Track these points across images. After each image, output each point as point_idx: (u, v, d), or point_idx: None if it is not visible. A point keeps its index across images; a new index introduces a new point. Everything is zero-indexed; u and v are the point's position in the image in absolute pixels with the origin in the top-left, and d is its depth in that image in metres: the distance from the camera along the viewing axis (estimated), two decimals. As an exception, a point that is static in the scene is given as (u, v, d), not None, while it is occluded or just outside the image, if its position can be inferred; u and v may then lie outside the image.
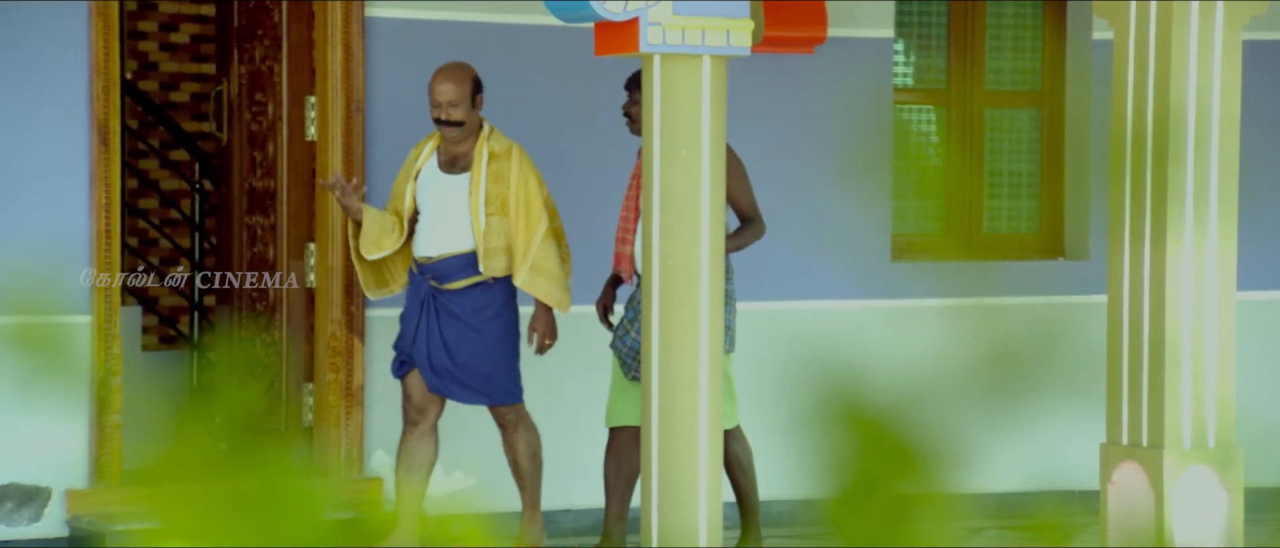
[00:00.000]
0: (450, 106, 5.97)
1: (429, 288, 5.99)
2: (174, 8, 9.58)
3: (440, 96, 5.98)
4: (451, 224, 5.99)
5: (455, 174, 6.03)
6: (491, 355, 6.00)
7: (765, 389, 7.22)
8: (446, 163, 6.05)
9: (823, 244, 7.33)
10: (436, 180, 6.05)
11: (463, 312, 5.98)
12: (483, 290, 5.99)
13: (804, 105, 7.30)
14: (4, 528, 6.27)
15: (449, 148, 6.05)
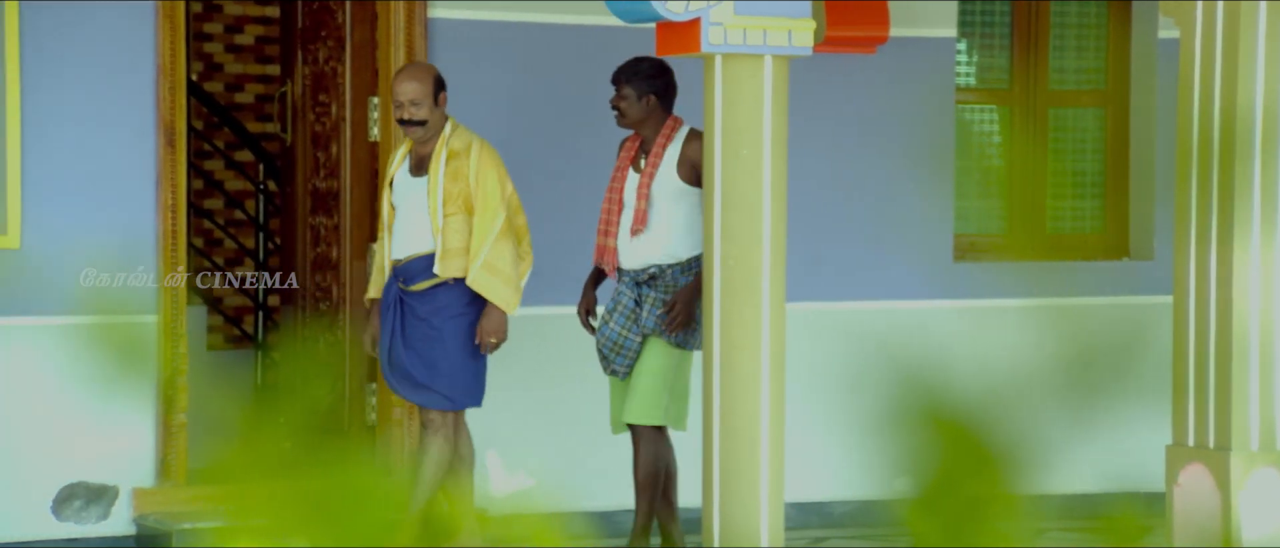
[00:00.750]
0: (412, 106, 5.85)
1: (397, 290, 5.95)
2: (239, 9, 9.65)
3: (402, 96, 5.88)
4: (416, 226, 5.92)
5: (420, 176, 5.97)
6: (451, 357, 5.88)
7: (826, 389, 7.20)
8: (415, 165, 5.98)
9: (885, 244, 7.30)
10: (406, 183, 5.99)
11: (425, 313, 5.90)
12: (445, 291, 5.90)
13: (866, 105, 7.27)
14: (73, 526, 6.33)
15: (417, 149, 5.98)
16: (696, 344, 5.89)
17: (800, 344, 6.60)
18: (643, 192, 5.90)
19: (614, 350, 5.94)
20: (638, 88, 5.95)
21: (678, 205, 5.91)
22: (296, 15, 7.34)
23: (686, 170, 5.91)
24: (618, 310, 5.95)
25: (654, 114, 5.96)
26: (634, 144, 6.01)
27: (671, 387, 5.87)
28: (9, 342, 6.19)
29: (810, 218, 7.08)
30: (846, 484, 7.29)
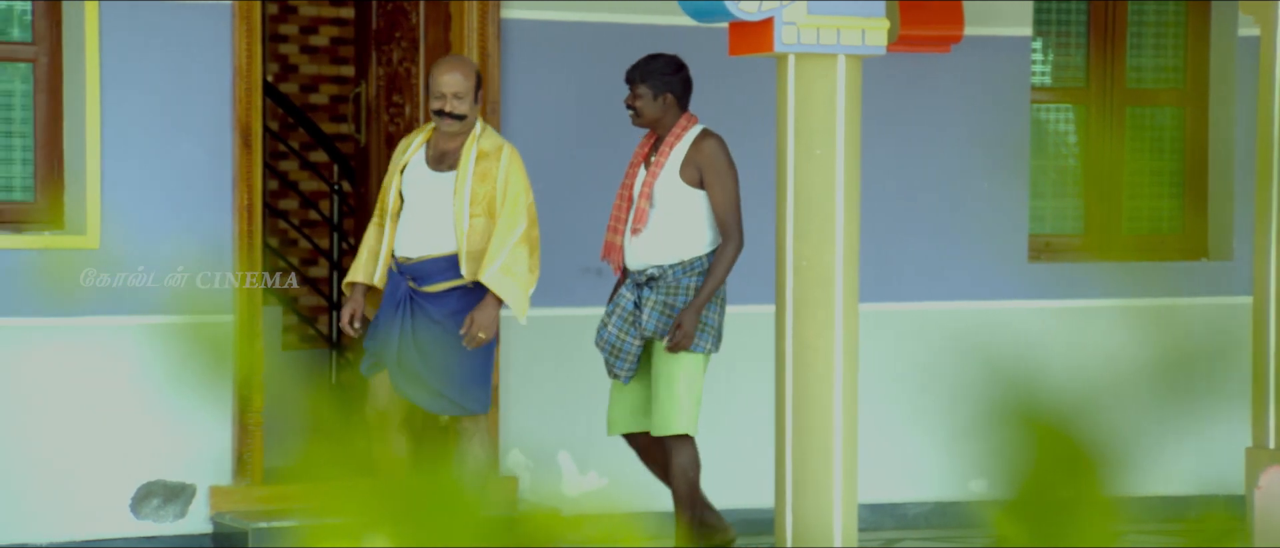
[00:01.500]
0: (455, 99, 5.73)
1: (407, 289, 5.75)
2: (314, 11, 9.72)
3: (445, 88, 5.74)
4: (435, 224, 5.76)
5: (442, 172, 5.80)
6: (465, 363, 5.73)
7: (900, 390, 7.18)
8: (435, 159, 5.82)
9: (959, 244, 7.28)
10: (423, 176, 5.81)
11: (440, 316, 5.72)
12: (462, 295, 5.74)
13: (940, 105, 7.25)
14: (151, 524, 6.40)
15: (440, 143, 5.81)
16: (706, 347, 5.79)
17: (873, 345, 6.59)
18: (645, 190, 5.80)
19: (613, 354, 5.83)
20: (654, 86, 5.85)
21: (680, 206, 5.79)
22: (371, 16, 7.39)
23: (690, 172, 5.79)
24: (616, 313, 5.83)
25: (670, 112, 5.87)
26: (648, 141, 5.93)
27: (687, 392, 5.77)
28: (88, 341, 6.27)
29: (883, 218, 7.06)
30: (920, 485, 7.27)
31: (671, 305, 5.78)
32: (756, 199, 6.77)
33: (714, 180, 5.78)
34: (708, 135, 5.84)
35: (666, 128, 5.86)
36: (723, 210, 5.79)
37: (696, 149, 5.81)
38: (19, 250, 6.23)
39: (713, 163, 5.78)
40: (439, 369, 5.73)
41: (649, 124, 5.88)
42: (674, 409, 5.76)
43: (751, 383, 6.81)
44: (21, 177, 6.42)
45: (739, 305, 7.00)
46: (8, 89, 6.41)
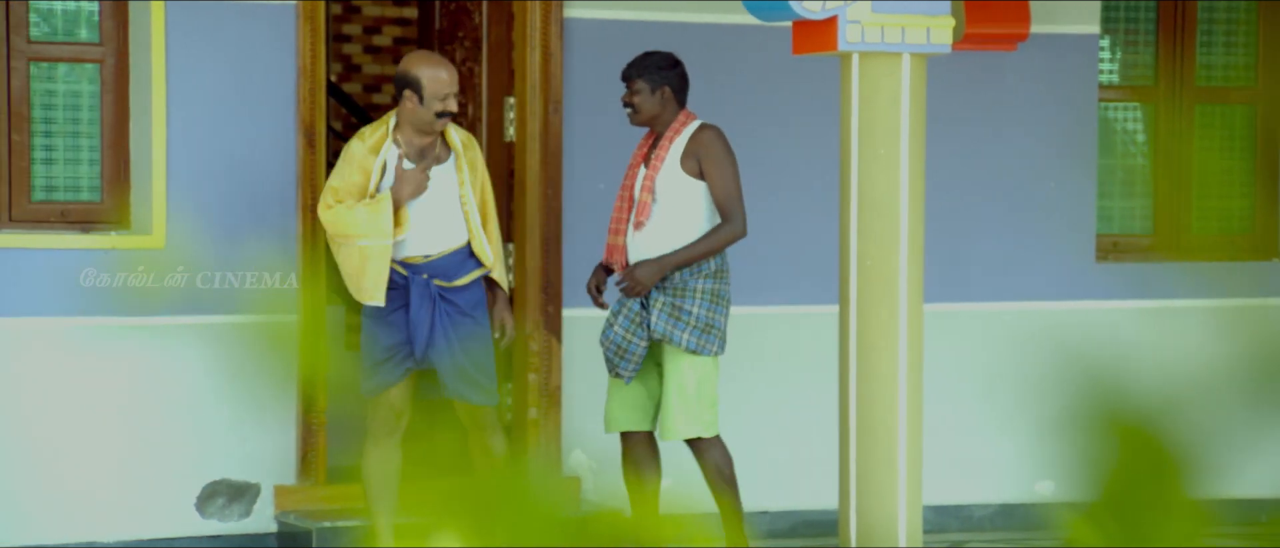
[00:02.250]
0: (454, 98, 5.74)
1: (436, 287, 5.74)
2: (377, 10, 9.79)
3: (449, 88, 5.72)
4: (445, 219, 5.76)
5: (431, 167, 5.77)
6: (490, 352, 5.78)
7: (965, 391, 7.16)
8: (416, 156, 5.78)
9: (1025, 244, 7.25)
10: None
11: (468, 308, 5.76)
12: (478, 285, 5.80)
13: (1006, 104, 7.22)
14: (216, 523, 6.46)
15: (417, 140, 5.77)
16: (714, 350, 5.77)
17: (938, 345, 6.57)
18: (647, 185, 5.79)
19: (618, 354, 5.81)
20: (651, 80, 5.83)
21: (683, 200, 5.77)
22: (434, 16, 7.43)
23: (691, 163, 5.78)
24: (623, 313, 5.80)
25: (668, 108, 5.85)
26: (647, 141, 5.91)
27: (700, 396, 5.75)
28: (154, 341, 6.33)
29: (949, 218, 7.04)
30: (986, 487, 7.24)
31: (679, 307, 5.76)
32: (819, 199, 6.77)
33: (712, 168, 5.76)
34: (707, 128, 5.83)
35: (665, 125, 5.85)
36: (723, 196, 5.77)
37: (695, 140, 5.80)
38: (86, 250, 6.30)
39: (710, 151, 5.76)
40: (480, 361, 5.76)
41: (647, 121, 5.86)
42: (686, 415, 5.74)
43: (813, 384, 6.80)
44: (89, 177, 6.49)
45: (799, 306, 7.00)
46: (75, 90, 6.48)
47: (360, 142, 5.78)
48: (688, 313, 5.76)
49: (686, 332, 5.74)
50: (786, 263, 7.01)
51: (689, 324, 5.75)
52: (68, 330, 6.28)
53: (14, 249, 6.24)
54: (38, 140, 6.43)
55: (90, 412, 6.31)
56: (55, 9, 6.46)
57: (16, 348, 6.25)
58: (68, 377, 6.29)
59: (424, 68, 5.76)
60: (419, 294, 5.73)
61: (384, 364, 5.77)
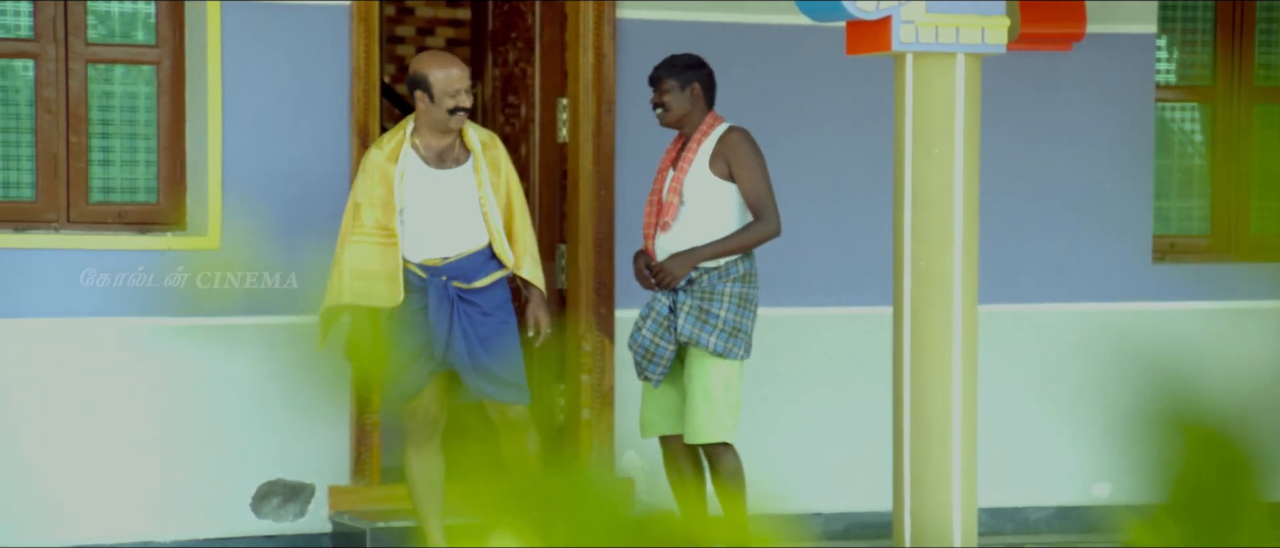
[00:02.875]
0: (467, 94, 5.70)
1: (454, 289, 5.70)
2: (430, 12, 9.84)
3: (460, 84, 5.67)
4: (463, 220, 5.72)
5: (450, 169, 5.74)
6: (516, 352, 5.75)
7: (1021, 392, 7.14)
8: (434, 159, 5.74)
9: (1081, 245, 7.22)
10: (431, 178, 5.73)
11: (491, 307, 5.72)
12: (502, 286, 5.77)
13: (1061, 104, 7.20)
14: (271, 523, 6.51)
15: (435, 142, 5.73)
16: (740, 353, 5.76)
17: (993, 347, 6.56)
18: (674, 187, 5.78)
19: (646, 358, 5.82)
20: (681, 79, 5.83)
21: (711, 202, 5.77)
22: (487, 17, 7.47)
23: (720, 165, 5.77)
24: (651, 317, 5.82)
25: (697, 107, 5.84)
26: (676, 144, 5.91)
27: (725, 400, 5.73)
28: (209, 341, 6.39)
29: (1004, 219, 7.03)
30: (1042, 489, 7.22)
31: (707, 310, 5.76)
32: (873, 200, 6.76)
33: (741, 169, 5.76)
34: (735, 129, 5.83)
35: (694, 126, 5.85)
36: (754, 196, 5.76)
37: (723, 142, 5.80)
38: (143, 251, 6.36)
39: (739, 152, 5.76)
40: (505, 359, 5.73)
41: (677, 121, 5.85)
42: (711, 418, 5.73)
43: (867, 385, 6.80)
44: (145, 178, 6.56)
45: (852, 307, 6.99)
46: (132, 92, 6.55)
47: (377, 150, 5.75)
48: (715, 316, 5.76)
49: (713, 335, 5.74)
50: (840, 264, 7.01)
51: (716, 327, 5.75)
52: (123, 331, 6.34)
53: (72, 250, 6.31)
54: (95, 142, 6.50)
55: (145, 412, 6.37)
56: (112, 11, 6.53)
57: (74, 348, 6.31)
58: (123, 377, 6.35)
59: (432, 66, 5.73)
60: (437, 296, 5.69)
61: (408, 369, 5.74)
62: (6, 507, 6.25)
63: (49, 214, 6.44)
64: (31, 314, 6.26)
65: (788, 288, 6.94)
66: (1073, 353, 7.17)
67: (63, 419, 6.31)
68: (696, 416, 5.74)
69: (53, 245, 6.30)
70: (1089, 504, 7.23)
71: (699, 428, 5.74)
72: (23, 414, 6.27)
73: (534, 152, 7.22)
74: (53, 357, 6.29)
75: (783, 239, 6.77)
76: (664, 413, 5.87)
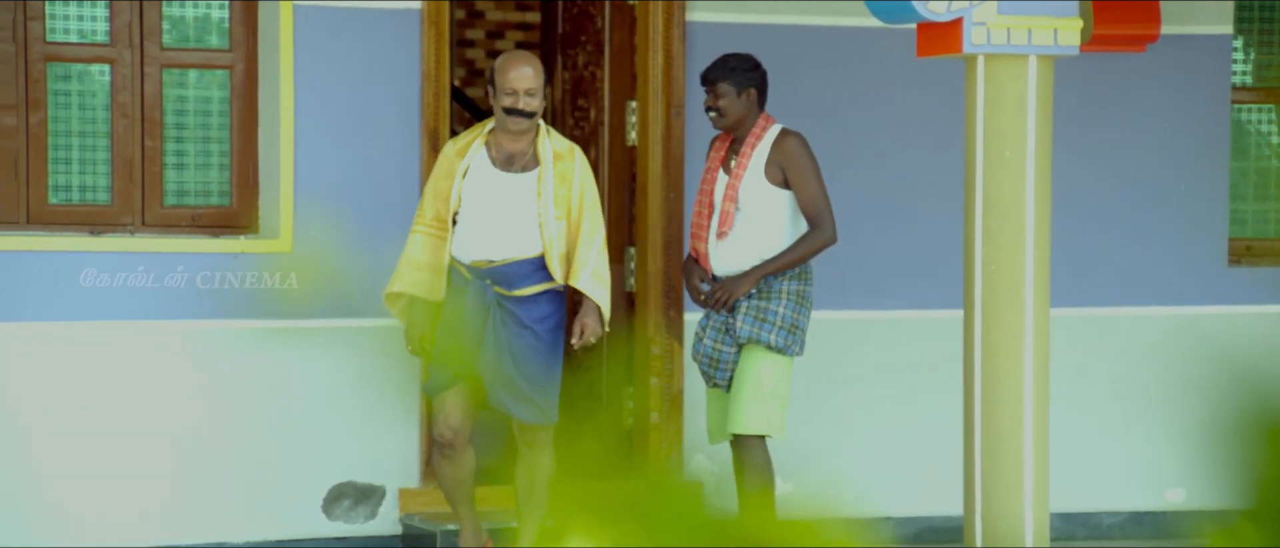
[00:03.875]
0: (527, 95, 5.61)
1: (494, 294, 5.65)
2: (500, 15, 9.90)
3: (519, 84, 5.61)
4: (517, 226, 5.66)
5: (515, 173, 5.68)
6: (551, 369, 5.66)
7: (1093, 397, 7.12)
8: (503, 161, 5.69)
9: (1155, 248, 7.19)
10: (494, 179, 5.68)
11: (530, 320, 5.64)
12: (550, 298, 5.67)
13: (1135, 106, 7.18)
14: (342, 525, 6.57)
15: (507, 144, 5.70)
16: (795, 350, 5.77)
17: (1065, 351, 6.55)
18: (730, 194, 5.77)
19: (712, 366, 5.84)
20: (737, 83, 5.80)
21: (765, 207, 5.77)
22: (556, 20, 7.51)
23: (774, 172, 5.77)
24: (711, 325, 5.83)
25: (751, 111, 5.83)
26: (724, 144, 5.89)
27: (774, 394, 5.74)
28: (281, 344, 6.45)
29: (1076, 222, 7.01)
30: (1115, 495, 7.19)
31: (765, 309, 5.77)
32: (944, 202, 6.76)
33: (797, 177, 5.75)
34: (788, 134, 5.81)
35: (747, 129, 5.83)
36: (810, 205, 5.76)
37: (778, 148, 5.78)
38: (216, 254, 6.44)
39: (794, 159, 5.75)
40: (533, 376, 5.67)
41: (732, 125, 5.84)
42: (758, 410, 5.74)
43: (938, 389, 6.80)
44: (219, 182, 6.64)
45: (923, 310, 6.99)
46: (206, 96, 6.63)
47: (453, 143, 5.77)
48: (774, 314, 5.78)
49: (773, 332, 5.77)
50: (911, 267, 7.01)
51: (775, 325, 5.77)
52: (196, 334, 6.42)
53: (146, 253, 6.40)
54: (169, 146, 6.59)
55: (218, 414, 6.45)
56: (186, 16, 6.62)
57: (149, 351, 6.40)
58: (195, 380, 6.43)
59: (502, 61, 5.72)
60: (475, 299, 5.66)
61: (436, 368, 5.75)
62: (88, 507, 6.35)
63: (124, 218, 6.54)
64: (107, 317, 6.35)
65: (859, 291, 6.95)
66: (1146, 357, 7.14)
67: (135, 421, 6.39)
68: (742, 405, 5.75)
69: (128, 248, 6.39)
70: (1163, 510, 7.20)
71: (743, 417, 5.75)
72: (101, 416, 6.36)
73: (603, 155, 7.26)
74: (127, 360, 6.38)
75: (854, 242, 6.79)
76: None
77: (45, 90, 6.45)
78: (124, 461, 6.38)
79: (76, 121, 6.52)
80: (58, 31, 6.48)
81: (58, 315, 6.30)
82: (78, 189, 6.53)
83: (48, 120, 6.46)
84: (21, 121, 6.42)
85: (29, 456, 6.30)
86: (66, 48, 6.46)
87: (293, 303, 6.42)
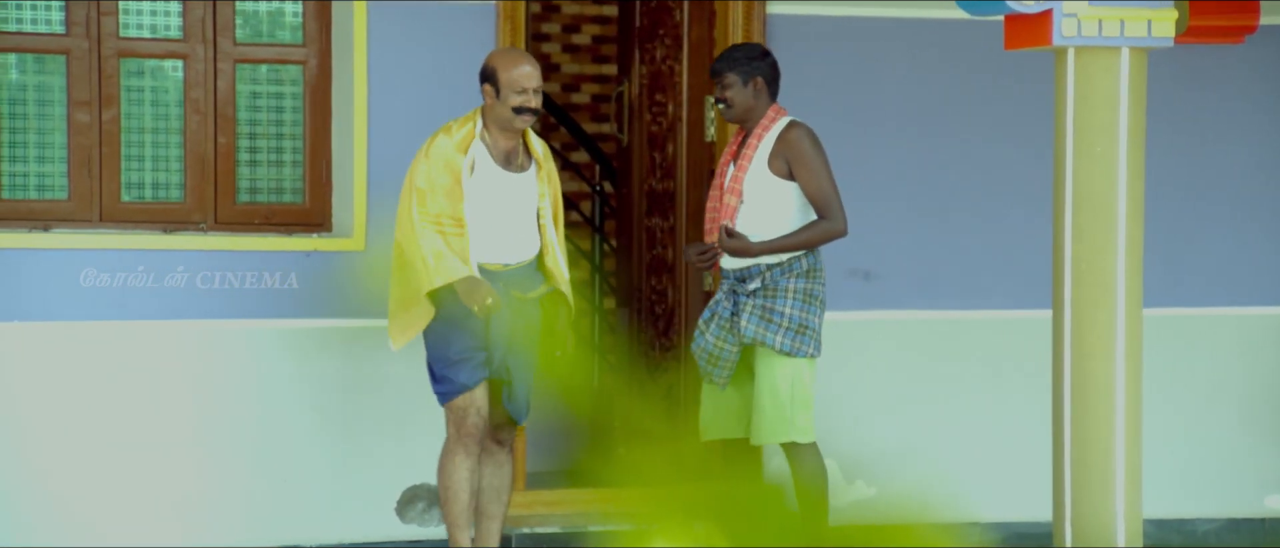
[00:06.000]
0: (535, 93, 5.63)
1: (512, 297, 5.65)
2: (576, 9, 9.92)
3: (529, 83, 5.62)
4: (524, 228, 5.69)
5: (516, 173, 5.70)
6: (532, 371, 5.73)
7: (1188, 400, 7.06)
8: (502, 159, 5.71)
9: (1250, 246, 7.13)
10: (501, 179, 5.68)
11: (533, 322, 5.69)
12: (546, 301, 5.74)
13: (1231, 99, 7.11)
14: (416, 528, 6.61)
15: (503, 142, 5.70)
16: (809, 351, 5.75)
17: (1158, 352, 6.49)
18: (733, 186, 5.77)
19: (711, 362, 5.82)
20: (743, 72, 5.79)
21: (769, 199, 5.75)
22: (634, 14, 7.52)
23: (779, 164, 5.74)
24: (714, 320, 5.82)
25: (760, 100, 5.81)
26: (738, 137, 5.89)
27: (793, 399, 5.72)
28: (355, 343, 6.50)
29: (1169, 219, 6.96)
30: (1210, 500, 7.13)
31: (770, 308, 5.75)
32: (1032, 199, 6.73)
33: (802, 169, 5.73)
34: (795, 125, 5.79)
35: (756, 120, 5.82)
36: (818, 196, 5.73)
37: (782, 140, 5.77)
38: (288, 252, 6.49)
39: (799, 151, 5.73)
40: (528, 377, 5.73)
41: (742, 116, 5.83)
42: (780, 418, 5.72)
43: (1026, 392, 6.76)
44: (292, 179, 6.70)
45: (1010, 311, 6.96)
46: (278, 91, 6.69)
47: (447, 136, 5.69)
48: (780, 314, 5.75)
49: (780, 333, 5.74)
50: (997, 266, 6.98)
51: (781, 326, 5.74)
52: (268, 334, 6.47)
53: (220, 252, 6.46)
54: (242, 142, 6.65)
55: (291, 415, 6.50)
56: (259, 11, 6.68)
57: (223, 350, 6.46)
58: (268, 380, 6.48)
59: (502, 61, 5.70)
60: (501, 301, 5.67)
61: (460, 366, 5.69)
62: (165, 506, 6.42)
63: (196, 215, 6.60)
64: (180, 317, 6.41)
65: (945, 291, 6.93)
66: (1242, 359, 7.08)
67: (207, 422, 6.46)
68: (762, 416, 5.75)
69: (201, 247, 6.45)
70: (1262, 516, 7.13)
71: (764, 428, 5.75)
72: (172, 418, 6.43)
73: (681, 150, 7.27)
74: (201, 361, 6.44)
75: (940, 240, 6.77)
76: (724, 415, 5.89)
77: (118, 87, 6.52)
78: (201, 462, 6.44)
79: (149, 118, 6.59)
80: (131, 27, 6.55)
81: (129, 315, 6.37)
82: (150, 187, 6.60)
83: (120, 117, 6.53)
84: (94, 119, 6.50)
85: (99, 452, 6.37)
86: (139, 43, 6.54)
87: (366, 302, 6.46)
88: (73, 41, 6.48)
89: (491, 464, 5.83)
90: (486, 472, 5.83)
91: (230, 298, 6.43)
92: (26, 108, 6.51)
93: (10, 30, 6.49)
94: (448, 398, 5.73)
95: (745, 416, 5.87)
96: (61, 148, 6.50)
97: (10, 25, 6.50)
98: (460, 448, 5.75)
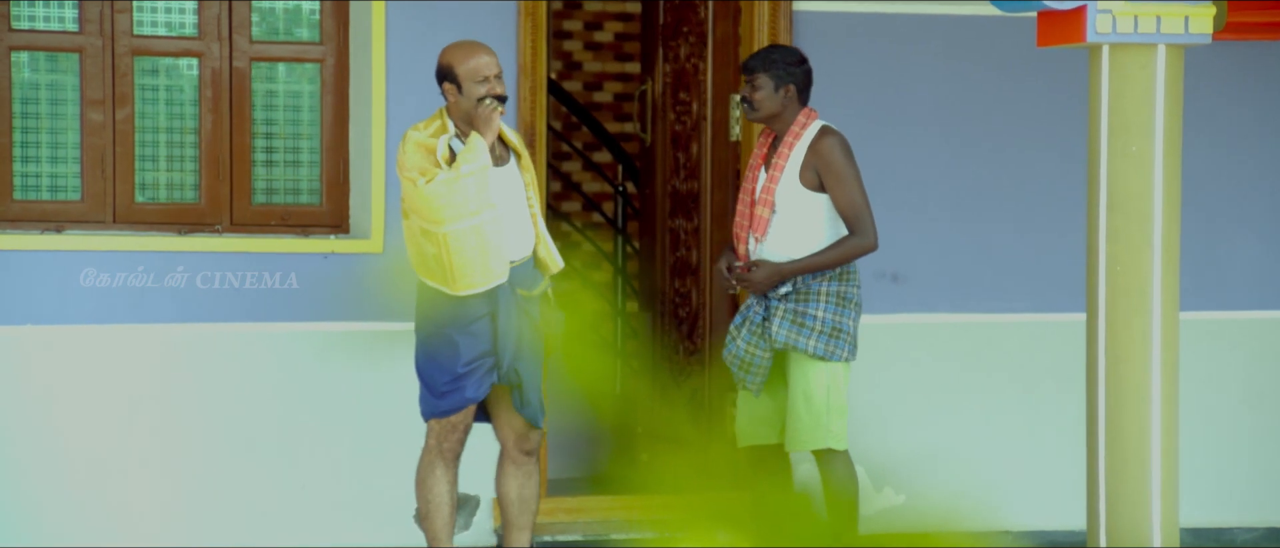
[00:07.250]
0: (498, 80, 5.54)
1: (518, 296, 5.58)
2: (598, 6, 9.91)
3: (489, 69, 5.52)
4: (519, 222, 5.61)
5: (497, 167, 5.58)
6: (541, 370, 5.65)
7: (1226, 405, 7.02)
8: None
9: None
10: (492, 174, 5.54)
11: (535, 320, 5.62)
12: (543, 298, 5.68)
13: (1271, 97, 7.07)
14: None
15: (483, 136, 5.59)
16: (844, 355, 5.72)
17: (1195, 357, 6.46)
18: (766, 196, 5.73)
19: (743, 368, 5.80)
20: (776, 76, 5.74)
21: (801, 211, 5.72)
22: (658, 12, 7.51)
23: (810, 175, 5.71)
24: (745, 326, 5.79)
25: (789, 107, 5.76)
26: (768, 139, 5.85)
27: (829, 405, 5.70)
28: (372, 347, 6.49)
29: (1206, 220, 6.92)
30: (1249, 509, 7.10)
31: (802, 312, 5.72)
32: (1065, 199, 6.70)
33: (834, 183, 5.69)
34: (827, 133, 5.75)
35: (785, 125, 5.78)
36: (848, 209, 5.69)
37: (814, 151, 5.71)
38: (305, 254, 6.49)
39: (830, 163, 5.69)
40: (538, 378, 5.66)
41: (766, 118, 5.79)
42: (816, 425, 5.70)
43: (1059, 397, 6.73)
44: (308, 179, 6.69)
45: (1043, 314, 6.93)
46: (295, 90, 6.68)
47: (417, 131, 5.56)
48: (812, 317, 5.73)
49: (813, 337, 5.72)
50: (1029, 268, 6.95)
51: (814, 330, 5.72)
52: (285, 337, 6.47)
53: (235, 253, 6.45)
54: (258, 142, 6.65)
55: (308, 418, 6.50)
56: (276, 8, 6.67)
57: (238, 354, 6.46)
58: (287, 383, 6.48)
59: (457, 54, 5.58)
60: (506, 302, 5.58)
61: (467, 378, 5.61)
62: (203, 506, 6.42)
63: (211, 217, 6.60)
64: (194, 320, 6.41)
65: (977, 293, 6.90)
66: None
67: (228, 425, 6.46)
68: (796, 422, 5.72)
69: (216, 248, 6.45)
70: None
71: (798, 435, 5.73)
72: (189, 420, 6.43)
73: (705, 149, 7.25)
74: (215, 364, 6.44)
75: (973, 242, 6.73)
76: (759, 423, 5.87)
77: (132, 85, 6.52)
78: (218, 463, 6.44)
79: (164, 117, 6.59)
80: (145, 24, 6.55)
81: (143, 318, 6.37)
82: (165, 187, 6.60)
83: (134, 116, 6.53)
84: (108, 118, 6.50)
85: (112, 456, 6.38)
86: (154, 41, 6.54)
87: (384, 304, 6.46)
88: (86, 39, 6.47)
89: (520, 475, 5.78)
90: (515, 483, 5.78)
91: (245, 301, 6.44)
92: (39, 107, 6.52)
93: (23, 27, 6.49)
94: (445, 414, 5.64)
95: (778, 422, 5.85)
96: (74, 148, 6.50)
97: (23, 22, 6.51)
98: (441, 461, 5.69)
